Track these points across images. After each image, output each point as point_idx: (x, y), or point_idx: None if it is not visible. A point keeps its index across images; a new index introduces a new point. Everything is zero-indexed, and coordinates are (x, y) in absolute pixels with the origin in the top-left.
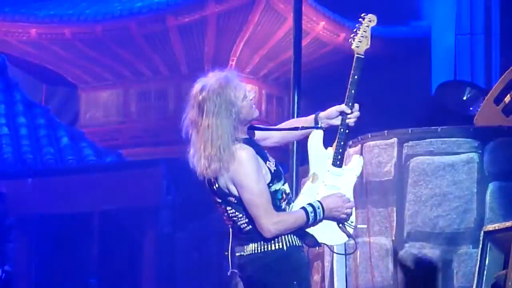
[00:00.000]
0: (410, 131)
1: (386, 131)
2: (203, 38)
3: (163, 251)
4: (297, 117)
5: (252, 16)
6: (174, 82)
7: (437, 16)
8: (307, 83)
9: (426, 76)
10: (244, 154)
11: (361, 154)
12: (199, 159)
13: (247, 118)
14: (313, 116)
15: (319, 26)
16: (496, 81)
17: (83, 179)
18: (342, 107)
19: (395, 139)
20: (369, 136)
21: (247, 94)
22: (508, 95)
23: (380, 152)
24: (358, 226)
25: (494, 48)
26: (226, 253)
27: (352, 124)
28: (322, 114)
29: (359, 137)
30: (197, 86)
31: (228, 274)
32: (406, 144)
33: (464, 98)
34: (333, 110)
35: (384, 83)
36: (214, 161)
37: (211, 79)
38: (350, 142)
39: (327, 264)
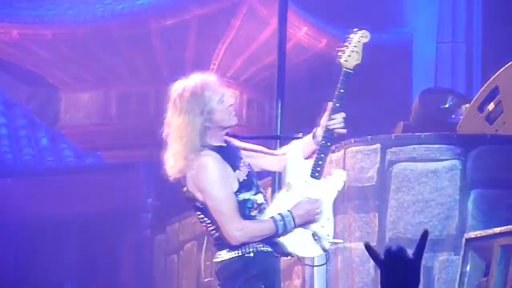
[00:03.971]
0: (393, 137)
1: (369, 137)
2: (185, 41)
3: (142, 254)
4: (280, 122)
5: (234, 20)
6: (155, 85)
7: (418, 23)
8: (288, 88)
9: (406, 83)
10: (208, 160)
11: (344, 159)
12: (168, 157)
13: (222, 123)
14: (310, 134)
15: (301, 32)
16: (477, 89)
17: (62, 181)
18: (325, 118)
19: (378, 145)
20: (352, 142)
21: (224, 98)
22: (492, 103)
23: (363, 158)
24: (335, 240)
25: (476, 56)
26: (208, 263)
27: (343, 131)
28: (319, 128)
29: (342, 143)
30: (175, 85)
31: (205, 281)
32: (389, 150)
33: (446, 105)
34: (323, 119)
35: (365, 90)
36: (180, 159)
37: (190, 79)
38: (333, 148)
39: (307, 269)
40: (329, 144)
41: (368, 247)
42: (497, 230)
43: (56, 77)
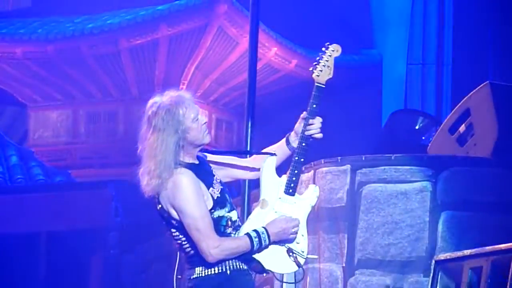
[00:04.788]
0: (363, 158)
1: (339, 158)
2: (155, 60)
3: (111, 273)
4: (250, 141)
5: (204, 40)
6: (124, 104)
7: (388, 45)
8: (258, 108)
9: (377, 104)
10: (182, 178)
11: (314, 179)
12: (142, 174)
13: (196, 141)
14: (283, 139)
15: (271, 52)
16: (447, 111)
17: (31, 199)
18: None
19: (348, 166)
20: (322, 162)
21: (198, 117)
22: (463, 125)
23: (332, 178)
24: (309, 256)
25: (446, 78)
26: (179, 277)
27: (320, 135)
28: (292, 133)
29: (312, 163)
30: (150, 102)
31: None
32: (359, 171)
33: (417, 127)
34: (297, 126)
35: (336, 110)
36: (154, 177)
37: (165, 96)
38: (303, 168)
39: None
40: (302, 160)
41: None
42: (467, 252)
43: (25, 95)
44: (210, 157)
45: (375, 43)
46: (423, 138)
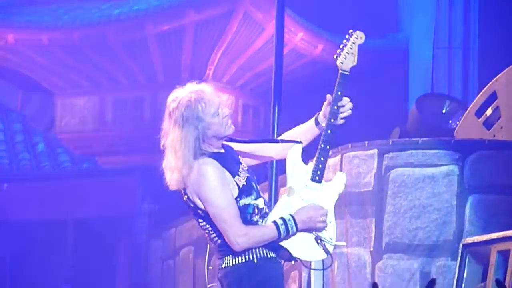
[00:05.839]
0: (390, 142)
1: (366, 142)
2: (181, 46)
3: (138, 260)
4: (277, 127)
5: (230, 26)
6: (151, 90)
7: (415, 28)
8: (284, 94)
9: (403, 88)
10: (207, 168)
11: (341, 164)
12: (165, 168)
13: (218, 134)
14: (312, 119)
15: (297, 37)
16: (474, 95)
17: (58, 186)
18: (329, 99)
19: (375, 150)
20: (349, 147)
21: (219, 111)
22: (490, 108)
23: (360, 163)
24: (337, 243)
25: (472, 62)
26: (210, 268)
27: (349, 113)
28: (321, 113)
29: (339, 148)
30: (171, 96)
31: (208, 286)
32: (386, 155)
33: (443, 111)
34: (325, 107)
35: (362, 95)
36: (175, 172)
37: (185, 90)
38: (330, 153)
39: (304, 275)
40: (328, 147)
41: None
42: (495, 235)
43: (51, 82)
44: (236, 145)
45: (401, 27)
46: (450, 122)
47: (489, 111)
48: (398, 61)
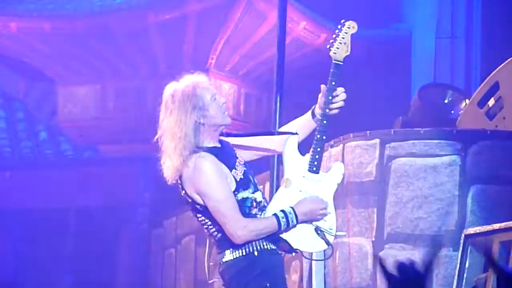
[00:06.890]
0: (392, 132)
1: (368, 132)
2: (183, 35)
3: (139, 248)
4: (279, 117)
5: (233, 15)
6: (153, 79)
7: (417, 18)
8: (286, 83)
9: (406, 79)
10: (204, 162)
11: (343, 154)
12: (164, 159)
13: (216, 120)
14: (309, 111)
15: (299, 26)
16: (477, 85)
17: (60, 174)
18: (323, 90)
19: (377, 140)
20: (351, 136)
21: (216, 97)
22: (492, 98)
23: (361, 153)
24: (338, 233)
25: (475, 52)
26: (211, 263)
27: (342, 104)
28: (317, 105)
29: (341, 137)
30: (166, 88)
31: (209, 282)
32: (388, 145)
33: (446, 101)
34: (320, 98)
35: (364, 85)
36: (176, 156)
37: (180, 82)
38: (332, 142)
39: (305, 264)
40: (324, 137)
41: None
42: (497, 226)
43: (53, 71)
44: (233, 140)
45: (404, 17)
46: (452, 112)
47: (491, 101)
48: (400, 51)
